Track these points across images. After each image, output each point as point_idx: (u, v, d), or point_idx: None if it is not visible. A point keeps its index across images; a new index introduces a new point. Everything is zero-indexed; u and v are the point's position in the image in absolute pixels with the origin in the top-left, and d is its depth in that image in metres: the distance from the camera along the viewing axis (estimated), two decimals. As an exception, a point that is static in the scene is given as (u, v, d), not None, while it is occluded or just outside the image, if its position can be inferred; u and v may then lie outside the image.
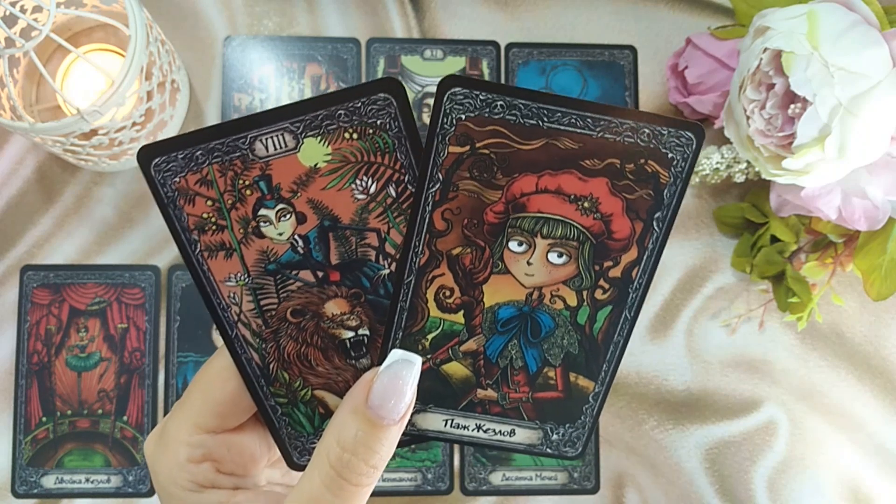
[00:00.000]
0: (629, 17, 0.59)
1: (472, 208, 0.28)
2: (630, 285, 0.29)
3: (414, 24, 0.58)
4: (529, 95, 0.27)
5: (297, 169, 0.28)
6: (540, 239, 0.28)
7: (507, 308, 0.29)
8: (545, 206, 0.28)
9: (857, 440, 0.57)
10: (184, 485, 0.28)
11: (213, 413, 0.29)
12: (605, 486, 0.56)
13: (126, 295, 0.55)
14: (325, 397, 0.30)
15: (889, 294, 0.50)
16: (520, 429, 0.30)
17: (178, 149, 0.28)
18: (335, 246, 0.29)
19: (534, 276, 0.29)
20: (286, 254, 0.29)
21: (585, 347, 0.29)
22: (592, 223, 0.28)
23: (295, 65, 0.57)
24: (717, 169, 0.53)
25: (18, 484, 0.54)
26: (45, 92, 0.55)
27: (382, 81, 0.27)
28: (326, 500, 0.26)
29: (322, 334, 0.29)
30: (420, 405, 0.29)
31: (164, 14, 0.57)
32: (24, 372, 0.54)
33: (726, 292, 0.57)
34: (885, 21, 0.43)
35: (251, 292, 0.29)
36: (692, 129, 0.27)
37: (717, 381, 0.57)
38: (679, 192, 0.28)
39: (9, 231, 0.56)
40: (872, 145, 0.42)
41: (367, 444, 0.26)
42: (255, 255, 0.29)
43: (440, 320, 0.29)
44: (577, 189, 0.28)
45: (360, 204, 0.28)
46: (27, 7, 0.49)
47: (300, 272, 0.29)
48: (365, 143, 0.28)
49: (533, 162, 0.28)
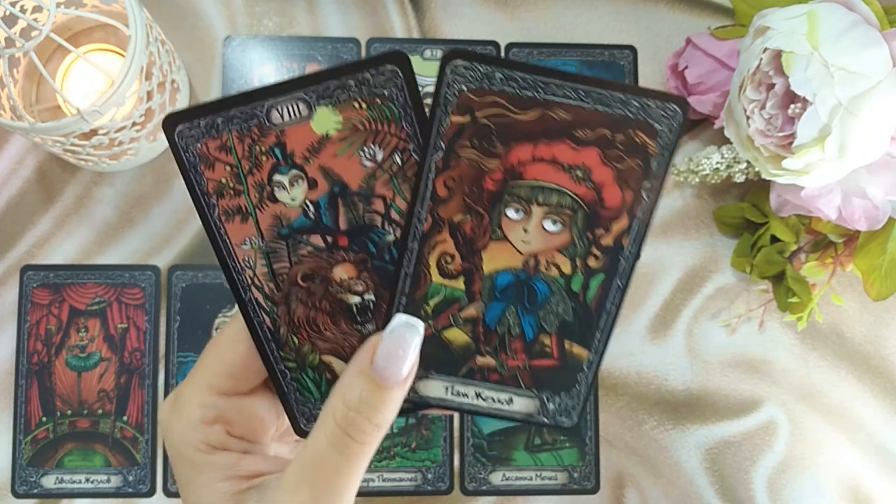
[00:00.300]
0: (629, 17, 0.59)
1: (473, 176, 0.29)
2: (621, 253, 0.30)
3: (414, 24, 0.58)
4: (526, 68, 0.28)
5: (309, 136, 0.29)
6: (536, 206, 0.29)
7: (505, 275, 0.30)
8: (541, 174, 0.29)
9: (857, 440, 0.57)
10: (196, 445, 0.29)
11: (226, 375, 0.30)
12: (605, 486, 0.56)
13: (126, 295, 0.55)
14: (332, 363, 0.31)
15: (889, 294, 0.50)
16: (517, 397, 0.30)
17: (200, 116, 0.29)
18: (344, 212, 0.30)
19: (530, 244, 0.30)
20: (298, 219, 0.30)
21: (580, 315, 0.30)
22: (585, 192, 0.29)
23: (295, 65, 0.57)
24: (717, 169, 0.53)
25: (18, 484, 0.54)
26: (45, 92, 0.55)
27: (390, 54, 0.28)
28: (331, 457, 0.27)
29: (330, 299, 0.30)
30: (422, 371, 0.30)
31: (164, 14, 0.57)
32: (24, 372, 0.54)
33: (726, 292, 0.57)
34: (885, 21, 0.43)
35: (265, 256, 0.30)
36: (677, 101, 0.28)
37: (717, 381, 0.57)
38: (666, 163, 0.29)
39: (9, 231, 0.56)
40: (872, 145, 0.42)
41: (372, 403, 0.27)
42: (269, 219, 0.30)
43: (442, 286, 0.30)
44: (570, 158, 0.29)
45: (367, 171, 0.29)
46: (27, 7, 0.49)
47: (311, 237, 0.30)
48: (373, 113, 0.29)
49: (529, 132, 0.29)
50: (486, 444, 0.55)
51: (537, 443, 0.56)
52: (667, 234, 0.57)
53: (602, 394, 0.56)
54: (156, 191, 0.56)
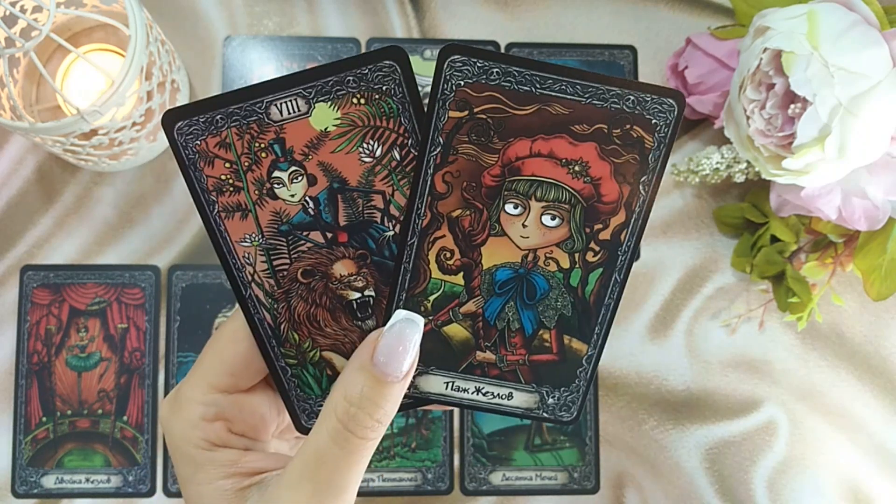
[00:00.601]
0: (629, 17, 0.59)
1: (471, 171, 0.29)
2: (619, 248, 0.30)
3: (414, 24, 0.58)
4: (523, 63, 0.28)
5: (308, 133, 0.29)
6: (534, 202, 0.29)
7: (504, 270, 0.30)
8: (539, 169, 0.29)
9: (857, 440, 0.57)
10: (197, 443, 0.29)
11: (226, 372, 0.30)
12: (605, 486, 0.56)
13: (126, 295, 0.55)
14: (333, 359, 0.31)
15: (889, 294, 0.50)
16: (517, 392, 0.31)
17: (199, 113, 0.29)
18: (343, 208, 0.30)
19: (529, 239, 0.30)
20: (298, 215, 0.30)
21: (578, 310, 0.30)
22: (583, 186, 0.29)
23: (295, 65, 0.57)
24: (717, 169, 0.53)
25: (18, 484, 0.54)
26: (45, 92, 0.55)
27: (388, 49, 0.29)
28: (333, 452, 0.28)
29: (330, 295, 0.30)
30: (422, 367, 0.30)
31: (164, 14, 0.57)
32: (24, 372, 0.54)
33: (726, 292, 0.57)
34: (885, 21, 0.43)
35: (265, 253, 0.30)
36: (674, 95, 0.29)
37: (717, 381, 0.57)
38: (663, 157, 0.29)
39: (9, 231, 0.56)
40: (872, 145, 0.42)
41: (373, 399, 0.28)
42: (268, 216, 0.30)
43: (441, 282, 0.30)
44: (568, 153, 0.29)
45: (366, 167, 0.30)
46: (27, 7, 0.49)
47: (310, 233, 0.30)
48: (371, 108, 0.29)
49: (527, 127, 0.29)
50: (486, 444, 0.55)
51: (537, 443, 0.56)
52: (667, 234, 0.57)
53: (602, 394, 0.56)
54: (156, 191, 0.56)
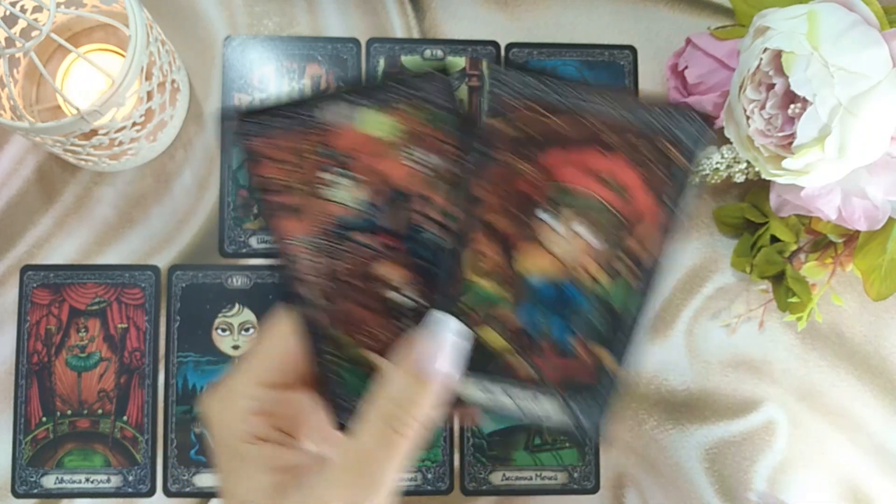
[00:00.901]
0: (629, 17, 0.59)
1: (508, 179, 0.30)
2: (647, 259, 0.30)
3: (414, 24, 0.58)
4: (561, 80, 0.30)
5: (360, 139, 0.31)
6: (567, 210, 0.30)
7: (537, 277, 0.31)
8: (571, 178, 0.30)
9: (857, 440, 0.57)
10: (242, 437, 0.30)
11: (275, 368, 0.31)
12: (605, 486, 0.56)
13: (126, 295, 0.55)
14: (374, 358, 0.32)
15: (889, 294, 0.50)
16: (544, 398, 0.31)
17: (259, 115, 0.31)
18: (390, 211, 0.31)
19: (561, 247, 0.31)
20: (347, 217, 0.31)
21: (607, 319, 0.31)
22: (613, 197, 0.30)
23: (295, 65, 0.57)
24: (717, 169, 0.53)
25: (18, 484, 0.54)
26: (45, 92, 0.55)
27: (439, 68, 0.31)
28: (374, 450, 0.28)
29: (374, 296, 0.31)
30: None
31: (164, 14, 0.57)
32: (24, 372, 0.54)
33: (726, 292, 0.57)
34: (885, 21, 0.43)
35: (313, 252, 0.31)
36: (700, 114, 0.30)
37: (717, 381, 0.57)
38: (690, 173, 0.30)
39: (9, 231, 0.56)
40: (872, 145, 0.42)
41: (413, 399, 0.29)
42: (318, 216, 0.31)
43: (476, 286, 0.31)
44: (599, 164, 0.30)
45: (412, 172, 0.31)
46: (27, 7, 0.49)
47: (358, 235, 0.31)
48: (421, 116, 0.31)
49: (562, 137, 0.30)
50: (486, 444, 0.55)
51: (537, 443, 0.56)
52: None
53: (602, 394, 0.56)
54: (156, 191, 0.56)
